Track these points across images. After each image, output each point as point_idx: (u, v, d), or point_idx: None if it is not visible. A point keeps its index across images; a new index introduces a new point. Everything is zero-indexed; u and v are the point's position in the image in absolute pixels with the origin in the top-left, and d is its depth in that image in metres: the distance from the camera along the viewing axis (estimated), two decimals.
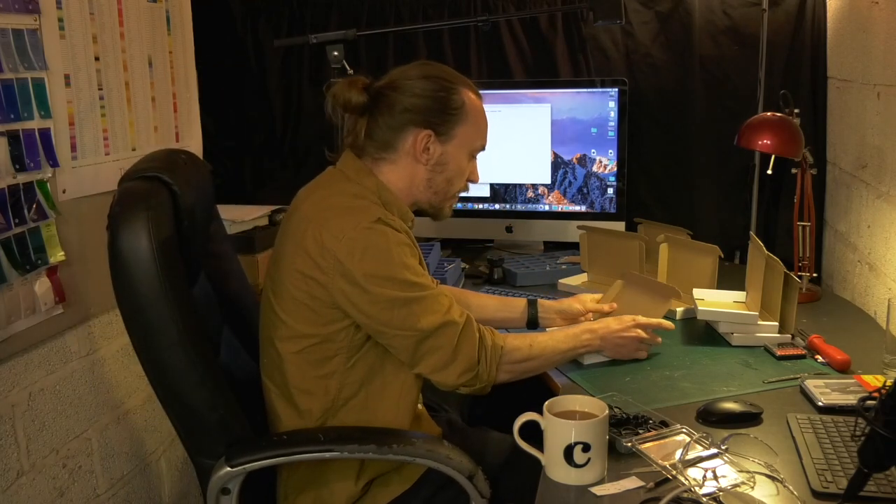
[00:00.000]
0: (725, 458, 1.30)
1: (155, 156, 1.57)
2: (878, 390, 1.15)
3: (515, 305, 1.91)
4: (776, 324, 1.80)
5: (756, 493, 1.20)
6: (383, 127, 1.55)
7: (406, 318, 1.44)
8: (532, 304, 1.89)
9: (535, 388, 1.72)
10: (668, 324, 1.75)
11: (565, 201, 2.63)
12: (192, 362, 1.40)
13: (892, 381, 1.25)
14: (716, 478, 1.23)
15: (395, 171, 1.56)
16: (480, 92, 1.65)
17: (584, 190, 2.60)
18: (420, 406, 1.64)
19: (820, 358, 1.71)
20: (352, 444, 1.41)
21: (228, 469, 1.39)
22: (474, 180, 1.68)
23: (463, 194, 1.70)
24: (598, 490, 1.23)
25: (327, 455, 1.41)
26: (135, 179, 1.46)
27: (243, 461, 1.40)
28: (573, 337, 1.67)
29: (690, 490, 1.19)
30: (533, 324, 1.88)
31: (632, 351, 1.71)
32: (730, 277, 2.11)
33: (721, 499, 1.18)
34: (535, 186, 2.65)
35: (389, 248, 1.45)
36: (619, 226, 2.53)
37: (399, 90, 1.55)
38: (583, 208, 2.62)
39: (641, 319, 1.72)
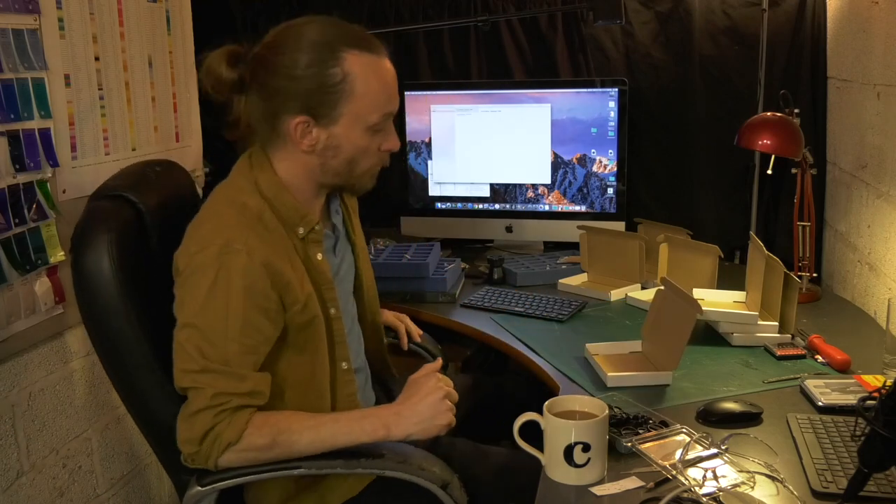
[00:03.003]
0: (725, 458, 1.30)
1: (124, 172, 1.55)
2: (878, 390, 1.15)
3: None
4: (776, 324, 1.80)
5: (756, 493, 1.20)
6: (260, 111, 1.38)
7: (176, 362, 1.32)
8: None
9: (535, 388, 1.72)
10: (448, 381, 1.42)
11: (565, 201, 2.63)
12: (160, 381, 1.38)
13: (892, 381, 1.26)
14: (716, 478, 1.23)
15: (287, 158, 1.40)
16: (480, 92, 1.54)
17: (584, 190, 2.60)
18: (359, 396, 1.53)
19: (820, 358, 1.71)
20: (320, 459, 1.36)
21: (199, 488, 1.37)
22: (392, 149, 1.45)
23: (463, 194, 1.62)
24: (598, 490, 1.23)
25: (295, 472, 1.36)
26: (101, 199, 1.44)
27: (212, 480, 1.36)
28: (353, 423, 1.36)
29: (690, 490, 1.19)
30: None
31: (441, 412, 1.35)
32: (730, 277, 2.11)
33: (721, 499, 1.18)
34: (535, 186, 2.65)
35: (206, 290, 1.30)
36: (619, 226, 2.53)
37: (270, 69, 1.36)
38: (583, 208, 2.62)
39: (430, 367, 1.41)
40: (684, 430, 1.39)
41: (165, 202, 1.51)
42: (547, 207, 2.65)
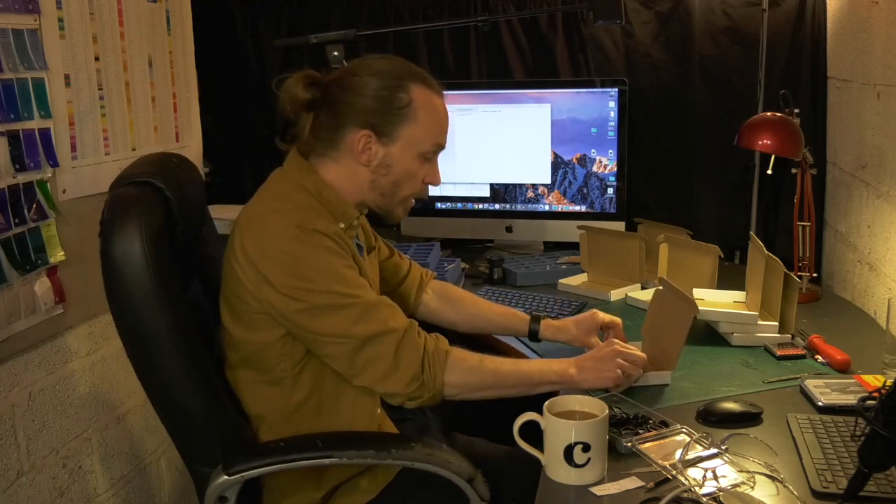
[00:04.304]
0: (725, 458, 1.30)
1: (146, 160, 1.55)
2: (878, 390, 1.15)
3: (518, 318, 1.82)
4: (776, 324, 1.80)
5: (756, 493, 1.20)
6: (325, 125, 1.49)
7: (337, 326, 1.39)
8: (535, 320, 1.80)
9: None
10: (642, 356, 1.57)
11: (565, 201, 2.63)
12: (187, 369, 1.39)
13: (892, 381, 1.26)
14: (716, 478, 1.23)
15: (338, 169, 1.50)
16: (480, 92, 1.60)
17: (584, 190, 2.60)
18: (379, 410, 1.57)
19: (820, 358, 1.71)
20: (350, 449, 1.40)
21: (226, 477, 1.38)
22: (434, 183, 1.58)
23: (463, 194, 1.66)
24: (598, 490, 1.23)
25: (326, 461, 1.39)
26: (126, 185, 1.44)
27: (240, 469, 1.38)
28: (543, 362, 1.56)
29: (690, 490, 1.19)
30: (534, 336, 1.80)
31: (611, 368, 1.52)
32: (730, 277, 2.11)
33: (721, 499, 1.18)
34: (535, 186, 2.65)
35: (309, 256, 1.39)
36: (619, 226, 2.53)
37: (343, 87, 1.49)
38: (583, 208, 2.62)
39: (620, 344, 1.57)
40: (684, 430, 1.39)
41: (187, 194, 1.52)
42: (547, 207, 2.65)
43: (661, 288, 1.75)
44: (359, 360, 1.40)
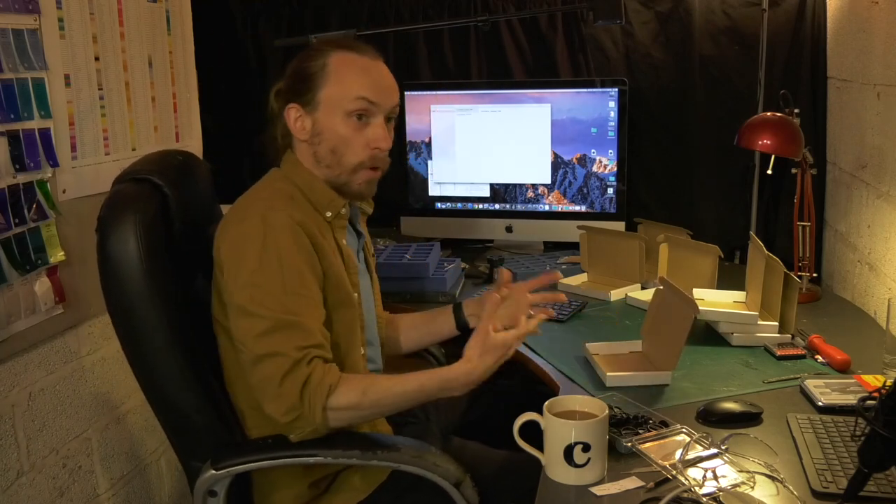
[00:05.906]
0: (725, 458, 1.30)
1: (149, 157, 1.57)
2: (878, 390, 1.15)
3: (443, 315, 1.77)
4: (776, 324, 1.80)
5: (756, 493, 1.20)
6: (277, 113, 1.54)
7: (245, 331, 1.35)
8: (458, 308, 1.76)
9: (535, 388, 1.72)
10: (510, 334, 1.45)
11: (565, 201, 2.63)
12: (180, 366, 1.40)
13: (892, 381, 1.26)
14: (716, 478, 1.23)
15: (299, 155, 1.52)
16: (480, 92, 1.59)
17: (584, 190, 2.60)
18: None
19: (820, 358, 1.71)
20: (336, 448, 1.39)
21: (213, 472, 1.39)
22: (379, 145, 1.49)
23: (463, 194, 1.64)
24: (598, 490, 1.23)
25: (311, 460, 1.39)
26: (125, 182, 1.46)
27: (228, 464, 1.39)
28: (425, 375, 1.43)
29: (690, 490, 1.19)
30: (463, 327, 1.75)
31: (500, 348, 1.41)
32: (730, 277, 2.11)
33: (721, 499, 1.18)
34: (535, 186, 2.65)
35: (258, 251, 1.36)
36: (619, 226, 2.53)
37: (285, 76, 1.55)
38: (583, 208, 2.62)
39: (482, 326, 1.45)
40: (684, 430, 1.39)
41: (188, 190, 1.53)
42: (547, 207, 2.65)
43: (661, 288, 1.75)
44: (254, 375, 1.36)
